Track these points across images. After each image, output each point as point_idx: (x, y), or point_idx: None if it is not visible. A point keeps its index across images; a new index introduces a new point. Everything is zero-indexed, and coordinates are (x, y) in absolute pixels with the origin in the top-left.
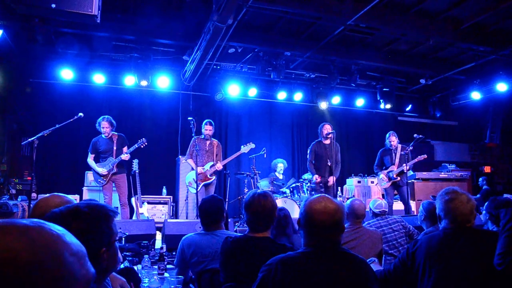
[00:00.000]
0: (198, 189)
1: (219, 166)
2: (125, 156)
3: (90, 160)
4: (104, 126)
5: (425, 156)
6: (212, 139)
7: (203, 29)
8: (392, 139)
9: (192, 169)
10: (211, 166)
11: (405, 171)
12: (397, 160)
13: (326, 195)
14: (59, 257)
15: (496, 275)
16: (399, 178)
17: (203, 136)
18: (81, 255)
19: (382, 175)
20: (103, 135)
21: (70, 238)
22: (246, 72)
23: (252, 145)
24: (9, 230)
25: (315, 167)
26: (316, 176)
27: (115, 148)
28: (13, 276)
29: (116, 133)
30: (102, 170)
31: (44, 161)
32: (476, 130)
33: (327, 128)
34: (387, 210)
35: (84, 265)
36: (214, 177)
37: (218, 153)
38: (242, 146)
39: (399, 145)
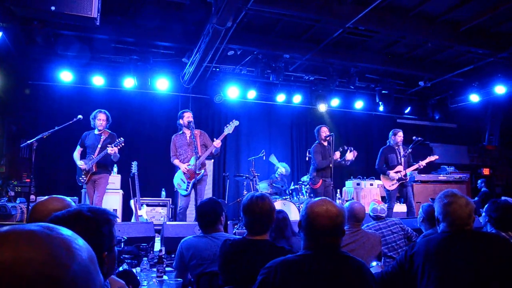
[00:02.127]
0: (188, 190)
1: (217, 142)
2: (111, 150)
3: (76, 153)
4: (101, 118)
5: (437, 156)
6: (194, 129)
7: (202, 31)
8: (400, 135)
9: (178, 169)
10: (196, 159)
11: (420, 168)
12: (402, 159)
13: (328, 198)
14: (87, 270)
15: (496, 278)
16: (407, 178)
17: (181, 132)
18: (96, 260)
19: (392, 174)
20: (95, 130)
21: (84, 243)
22: (245, 74)
23: (236, 123)
24: (34, 240)
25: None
26: (336, 152)
27: (99, 146)
28: None
29: (109, 131)
30: (81, 163)
31: (43, 163)
32: (474, 132)
33: (325, 131)
34: (383, 215)
35: (99, 271)
36: (202, 171)
37: (206, 142)
38: (225, 127)
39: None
